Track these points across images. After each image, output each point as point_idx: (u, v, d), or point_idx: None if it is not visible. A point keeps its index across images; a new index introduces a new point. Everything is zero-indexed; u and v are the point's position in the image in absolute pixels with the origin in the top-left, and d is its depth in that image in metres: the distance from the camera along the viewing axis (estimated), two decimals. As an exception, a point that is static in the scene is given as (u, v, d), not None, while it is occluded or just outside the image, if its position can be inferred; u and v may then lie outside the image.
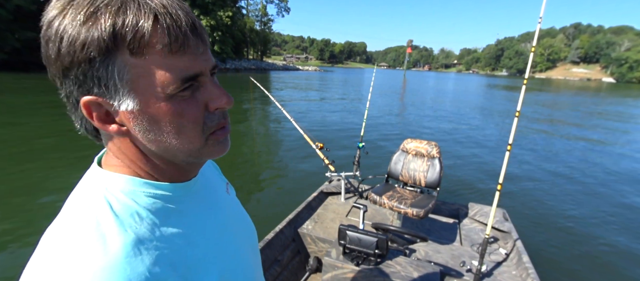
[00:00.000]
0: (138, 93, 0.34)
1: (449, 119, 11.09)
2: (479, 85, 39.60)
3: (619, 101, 23.75)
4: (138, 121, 0.36)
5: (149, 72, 0.33)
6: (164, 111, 0.35)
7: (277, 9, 62.02)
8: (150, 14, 0.32)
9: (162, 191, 0.40)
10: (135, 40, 0.32)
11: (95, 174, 0.39)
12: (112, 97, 0.34)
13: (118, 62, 0.32)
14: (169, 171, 0.42)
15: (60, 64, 0.32)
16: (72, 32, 0.31)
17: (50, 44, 0.32)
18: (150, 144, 0.38)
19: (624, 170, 6.07)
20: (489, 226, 1.91)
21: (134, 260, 0.33)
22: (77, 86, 0.33)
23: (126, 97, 0.34)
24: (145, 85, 0.34)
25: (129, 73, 0.33)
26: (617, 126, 11.80)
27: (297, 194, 3.52)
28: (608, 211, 4.20)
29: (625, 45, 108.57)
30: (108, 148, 0.40)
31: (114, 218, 0.34)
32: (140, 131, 0.36)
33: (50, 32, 0.32)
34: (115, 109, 0.35)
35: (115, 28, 0.31)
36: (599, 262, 3.08)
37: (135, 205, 0.36)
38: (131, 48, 0.32)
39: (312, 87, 22.16)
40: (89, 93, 0.33)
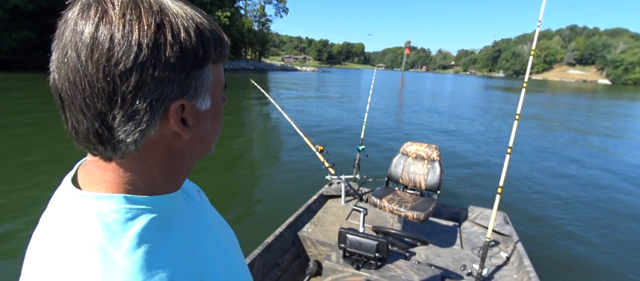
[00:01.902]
0: (212, 94, 0.40)
1: (449, 121, 11.11)
2: (477, 86, 39.79)
3: (616, 102, 23.93)
4: (206, 119, 0.41)
5: (217, 78, 0.41)
6: (219, 109, 0.44)
7: (276, 10, 62.17)
8: (223, 34, 0.40)
9: (160, 205, 0.39)
10: (221, 52, 0.39)
11: (82, 201, 0.36)
12: (198, 98, 0.38)
13: (208, 68, 0.38)
14: (179, 178, 0.44)
15: (178, 69, 0.34)
16: (189, 40, 0.34)
17: (166, 48, 0.33)
18: (200, 141, 0.42)
19: (625, 172, 6.09)
20: (489, 229, 1.91)
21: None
22: (177, 90, 0.35)
23: (206, 98, 0.39)
24: (216, 87, 0.41)
25: (211, 78, 0.39)
26: (617, 126, 11.90)
27: (297, 197, 3.51)
28: (610, 214, 4.19)
29: (621, 47, 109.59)
30: (121, 163, 0.37)
31: (119, 246, 0.33)
32: (203, 128, 0.41)
33: (166, 36, 0.33)
34: (197, 110, 0.38)
35: (215, 42, 0.38)
36: (601, 265, 3.08)
37: (136, 227, 0.35)
38: (216, 59, 0.39)
39: (311, 89, 22.15)
40: (184, 96, 0.36)
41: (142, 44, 0.31)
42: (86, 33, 0.31)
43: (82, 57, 0.31)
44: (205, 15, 0.39)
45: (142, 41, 0.31)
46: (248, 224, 3.46)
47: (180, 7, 0.36)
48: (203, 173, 4.94)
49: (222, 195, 4.28)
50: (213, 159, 5.69)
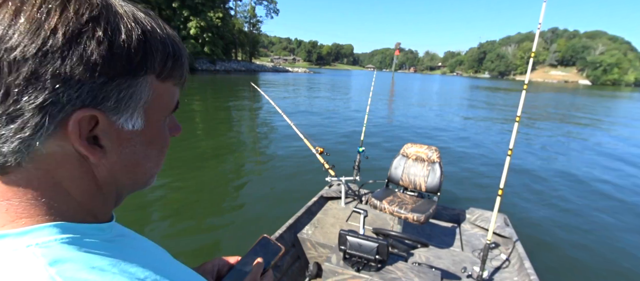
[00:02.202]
0: (147, 114, 0.33)
1: (449, 122, 11.20)
2: (464, 87, 40.61)
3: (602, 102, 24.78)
4: (132, 142, 0.33)
5: (162, 96, 0.34)
6: (159, 134, 0.36)
7: (266, 10, 61.67)
8: (183, 51, 0.35)
9: (100, 233, 0.33)
10: (172, 69, 0.34)
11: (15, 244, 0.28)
12: (120, 114, 0.31)
13: (145, 80, 0.31)
14: (108, 208, 0.36)
15: (100, 70, 0.27)
16: (129, 41, 0.29)
17: (91, 43, 0.27)
18: (123, 168, 0.34)
19: (625, 172, 6.22)
20: (490, 231, 1.94)
21: None
22: (87, 96, 0.28)
23: (136, 116, 0.32)
24: (156, 107, 0.34)
25: (148, 93, 0.32)
26: (614, 127, 12.19)
27: (297, 199, 3.47)
28: (610, 215, 4.25)
29: (600, 49, 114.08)
30: (16, 190, 0.29)
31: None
32: (127, 153, 0.33)
33: (89, 29, 0.27)
34: (117, 127, 0.31)
35: (163, 53, 0.32)
36: (602, 267, 3.11)
37: (93, 251, 0.30)
38: (161, 73, 0.33)
39: (307, 90, 22.02)
40: (95, 106, 0.29)
41: (58, 31, 0.26)
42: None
43: None
44: (167, 28, 0.34)
45: (59, 27, 0.26)
46: (247, 226, 3.41)
47: (133, 10, 0.31)
48: (203, 173, 4.86)
49: (222, 196, 4.21)
50: (213, 160, 5.61)
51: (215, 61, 40.85)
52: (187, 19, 35.99)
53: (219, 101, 13.92)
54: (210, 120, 9.46)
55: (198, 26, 36.29)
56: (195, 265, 0.52)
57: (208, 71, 37.30)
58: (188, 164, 5.14)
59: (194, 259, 2.75)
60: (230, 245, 3.06)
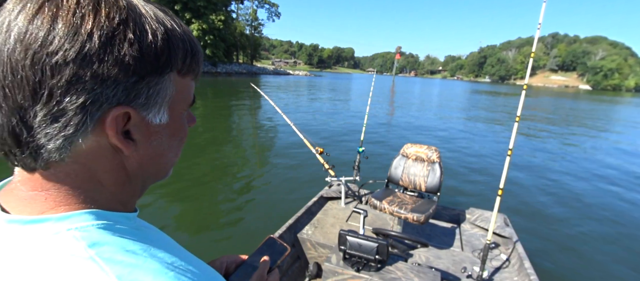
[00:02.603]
0: (171, 108, 0.35)
1: (448, 123, 11.25)
2: (465, 91, 40.70)
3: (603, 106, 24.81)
4: (159, 134, 0.35)
5: (183, 91, 0.36)
6: (181, 126, 0.38)
7: (268, 14, 61.99)
8: (199, 47, 0.37)
9: (129, 222, 0.35)
10: (191, 65, 0.36)
11: (37, 228, 0.30)
12: (149, 109, 0.33)
13: (169, 77, 0.33)
14: (135, 198, 0.39)
15: (130, 69, 0.29)
16: (155, 41, 0.31)
17: (122, 45, 0.28)
18: (151, 160, 0.37)
19: (625, 172, 6.24)
20: (490, 231, 1.94)
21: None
22: (122, 95, 0.30)
23: (162, 111, 0.34)
24: (179, 101, 0.36)
25: (172, 89, 0.34)
26: (612, 128, 12.28)
27: (297, 199, 3.48)
28: (611, 215, 4.25)
29: (600, 54, 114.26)
30: (55, 181, 0.31)
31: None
32: (155, 145, 0.36)
33: (120, 32, 0.28)
34: (147, 122, 0.33)
35: (183, 50, 0.34)
36: (602, 267, 3.11)
37: (126, 237, 0.31)
38: (181, 70, 0.35)
39: (308, 92, 22.10)
40: (129, 103, 0.31)
41: (94, 35, 0.27)
42: (23, 15, 0.27)
43: (12, 38, 0.27)
44: (182, 25, 0.36)
45: (95, 31, 0.27)
46: (247, 226, 3.41)
47: (153, 10, 0.33)
48: (203, 172, 4.86)
49: (222, 196, 4.22)
50: (213, 160, 5.63)
51: (217, 64, 41.01)
52: (189, 21, 36.20)
53: (220, 102, 13.97)
54: (211, 121, 9.48)
55: (200, 29, 36.50)
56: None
57: (209, 73, 37.45)
58: (188, 164, 5.15)
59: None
60: (230, 245, 3.06)
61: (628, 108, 26.29)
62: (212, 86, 22.57)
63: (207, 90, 19.23)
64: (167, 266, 0.30)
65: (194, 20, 36.35)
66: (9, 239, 0.30)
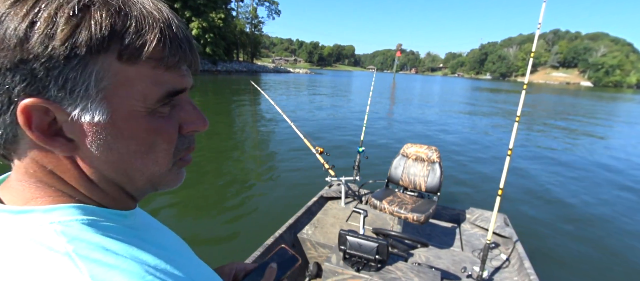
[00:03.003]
0: (112, 103, 0.28)
1: (448, 122, 11.18)
2: (466, 88, 40.59)
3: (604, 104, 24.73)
4: (100, 135, 0.29)
5: (133, 83, 0.29)
6: (141, 127, 0.30)
7: (268, 12, 61.83)
8: (155, 23, 0.29)
9: (123, 219, 0.33)
10: (131, 47, 0.27)
11: (22, 218, 0.28)
12: (72, 104, 0.27)
13: (99, 64, 0.27)
14: (119, 199, 0.35)
15: (17, 54, 0.25)
16: (55, 20, 0.25)
17: (11, 25, 0.24)
18: (106, 165, 0.31)
19: (625, 172, 6.19)
20: (490, 231, 1.93)
21: None
22: (24, 84, 0.25)
23: (95, 107, 0.28)
24: (124, 95, 0.29)
25: (109, 80, 0.28)
26: (613, 126, 12.19)
27: (297, 199, 3.48)
28: (611, 215, 4.23)
29: (601, 50, 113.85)
30: (24, 172, 0.30)
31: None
32: (98, 147, 0.30)
33: (17, 11, 0.24)
34: (72, 119, 0.28)
35: (113, 28, 0.27)
36: (602, 267, 3.10)
37: (111, 233, 0.30)
38: (122, 54, 0.27)
39: (308, 91, 22.01)
40: (40, 95, 0.26)
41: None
42: None
43: None
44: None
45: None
46: (247, 226, 3.42)
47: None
48: (203, 172, 4.86)
49: (222, 196, 4.22)
50: (212, 160, 5.62)
51: (217, 62, 40.97)
52: (189, 20, 36.11)
53: (220, 101, 13.95)
54: (211, 120, 9.48)
55: (200, 27, 36.42)
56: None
57: (209, 72, 37.42)
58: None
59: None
60: (229, 245, 3.06)
61: (629, 105, 26.20)
62: (212, 84, 22.56)
63: (207, 88, 19.23)
64: (147, 269, 0.28)
65: (194, 18, 36.27)
66: (2, 228, 0.29)
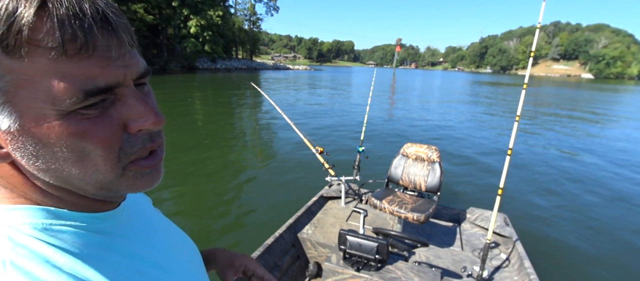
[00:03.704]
0: (17, 108, 0.25)
1: (448, 122, 11.12)
2: (466, 82, 40.42)
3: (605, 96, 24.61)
4: (19, 143, 0.26)
5: (33, 81, 0.24)
6: (56, 132, 0.26)
7: (266, 8, 61.48)
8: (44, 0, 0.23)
9: (95, 223, 0.31)
10: (10, 34, 0.23)
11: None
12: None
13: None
14: (82, 203, 0.32)
15: None
16: None
17: None
18: (41, 173, 0.28)
19: (626, 171, 6.15)
20: (490, 231, 1.93)
21: None
22: None
23: (3, 113, 0.25)
24: (28, 98, 0.25)
25: (3, 80, 0.24)
26: (614, 122, 12.10)
27: (297, 198, 3.48)
28: (611, 215, 4.22)
29: (603, 42, 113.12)
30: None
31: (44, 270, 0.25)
32: (23, 156, 0.27)
33: None
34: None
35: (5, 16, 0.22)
36: (603, 267, 3.10)
37: (65, 246, 0.28)
38: (5, 45, 0.23)
39: (308, 88, 21.90)
40: None
41: None
42: None
43: None
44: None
45: None
46: (248, 226, 3.42)
47: None
48: (202, 171, 4.86)
49: (221, 195, 4.22)
50: (212, 159, 5.61)
51: (216, 60, 40.87)
52: (188, 17, 35.92)
53: (220, 100, 13.93)
54: (211, 119, 9.47)
55: (198, 25, 36.23)
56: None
57: (209, 70, 37.32)
58: (186, 161, 5.16)
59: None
60: (229, 245, 3.07)
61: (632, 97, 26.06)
62: (211, 82, 22.51)
63: (206, 86, 19.18)
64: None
65: (192, 16, 36.06)
66: None
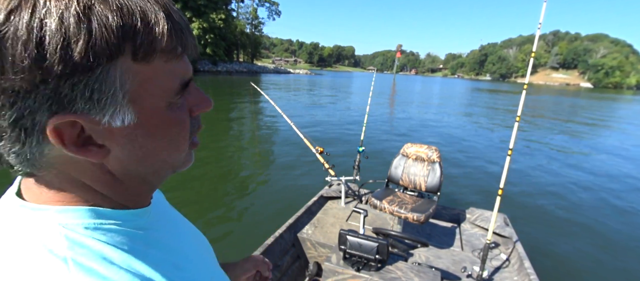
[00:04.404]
0: (137, 104, 0.28)
1: (448, 123, 11.20)
2: (466, 89, 40.63)
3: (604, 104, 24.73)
4: (130, 137, 0.29)
5: (152, 80, 0.28)
6: (165, 121, 0.31)
7: (268, 12, 61.97)
8: (159, 12, 0.27)
9: (135, 219, 0.34)
10: (145, 44, 0.26)
11: (36, 215, 0.29)
12: (101, 112, 0.27)
13: (120, 69, 0.26)
14: (139, 196, 0.36)
15: (35, 75, 0.23)
16: (63, 31, 0.23)
17: (17, 47, 0.22)
18: (136, 163, 0.32)
19: (625, 172, 6.19)
20: (490, 231, 1.93)
21: None
22: (48, 103, 0.24)
23: (122, 111, 0.28)
24: (147, 94, 0.28)
25: (131, 82, 0.27)
26: (613, 127, 12.21)
27: (297, 198, 3.48)
28: (611, 215, 4.23)
29: (601, 52, 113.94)
30: (49, 179, 0.30)
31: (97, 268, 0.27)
32: (128, 149, 0.30)
33: (18, 29, 0.22)
34: (103, 126, 0.27)
35: (124, 29, 0.25)
36: (603, 268, 3.10)
37: (113, 240, 0.30)
38: (136, 53, 0.26)
39: (308, 91, 22.03)
40: (66, 110, 0.25)
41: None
42: None
43: None
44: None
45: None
46: (247, 226, 3.42)
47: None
48: (201, 175, 4.86)
49: (222, 197, 4.21)
50: (212, 161, 5.62)
51: (217, 62, 41.02)
52: (190, 20, 36.06)
53: (221, 101, 13.96)
54: (211, 120, 9.48)
55: (200, 28, 36.50)
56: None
57: (210, 72, 37.46)
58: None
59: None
60: (229, 245, 3.06)
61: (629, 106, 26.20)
62: (212, 84, 22.58)
63: (207, 88, 19.23)
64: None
65: (194, 19, 36.34)
66: (16, 221, 0.29)
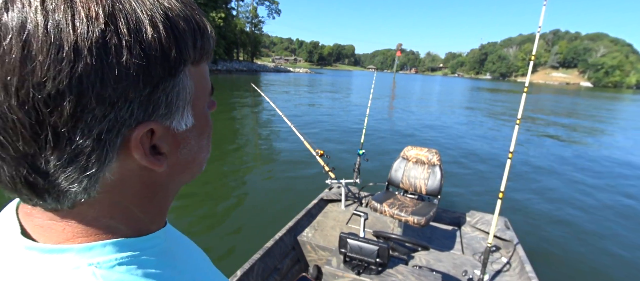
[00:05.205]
0: (193, 107, 0.29)
1: (448, 124, 11.17)
2: (466, 88, 40.63)
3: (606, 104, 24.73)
4: (186, 140, 0.30)
5: (201, 81, 0.30)
6: (207, 121, 0.33)
7: (268, 11, 61.86)
8: (200, 21, 0.28)
9: (159, 244, 0.33)
10: (204, 47, 0.28)
11: (56, 259, 0.26)
12: (170, 118, 0.27)
13: (185, 74, 0.27)
14: (163, 215, 0.35)
15: (138, 81, 0.23)
16: (157, 35, 0.24)
17: (121, 53, 0.22)
18: (182, 168, 0.32)
19: (626, 174, 6.19)
20: (490, 234, 1.93)
21: None
22: (138, 112, 0.24)
23: (186, 114, 0.28)
24: (200, 97, 0.30)
25: (191, 86, 0.28)
26: (614, 128, 12.19)
27: (297, 201, 3.48)
28: (612, 218, 4.22)
29: (601, 51, 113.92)
30: (82, 210, 0.27)
31: None
32: (188, 152, 0.31)
33: (121, 32, 0.22)
34: (173, 132, 0.28)
35: (193, 36, 0.26)
36: (603, 270, 3.10)
37: (147, 273, 0.28)
38: (196, 58, 0.28)
39: (308, 91, 22.02)
40: (148, 119, 0.25)
41: (82, 48, 0.21)
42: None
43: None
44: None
45: (82, 43, 0.21)
46: (248, 229, 3.41)
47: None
48: (200, 177, 4.84)
49: (221, 198, 4.21)
50: (211, 162, 5.57)
51: (217, 61, 40.97)
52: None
53: (220, 101, 13.94)
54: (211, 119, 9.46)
55: (200, 26, 36.55)
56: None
57: (210, 71, 37.10)
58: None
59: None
60: (229, 248, 3.06)
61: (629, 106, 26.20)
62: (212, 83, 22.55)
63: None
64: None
65: (194, 17, 36.36)
66: (25, 267, 0.26)
